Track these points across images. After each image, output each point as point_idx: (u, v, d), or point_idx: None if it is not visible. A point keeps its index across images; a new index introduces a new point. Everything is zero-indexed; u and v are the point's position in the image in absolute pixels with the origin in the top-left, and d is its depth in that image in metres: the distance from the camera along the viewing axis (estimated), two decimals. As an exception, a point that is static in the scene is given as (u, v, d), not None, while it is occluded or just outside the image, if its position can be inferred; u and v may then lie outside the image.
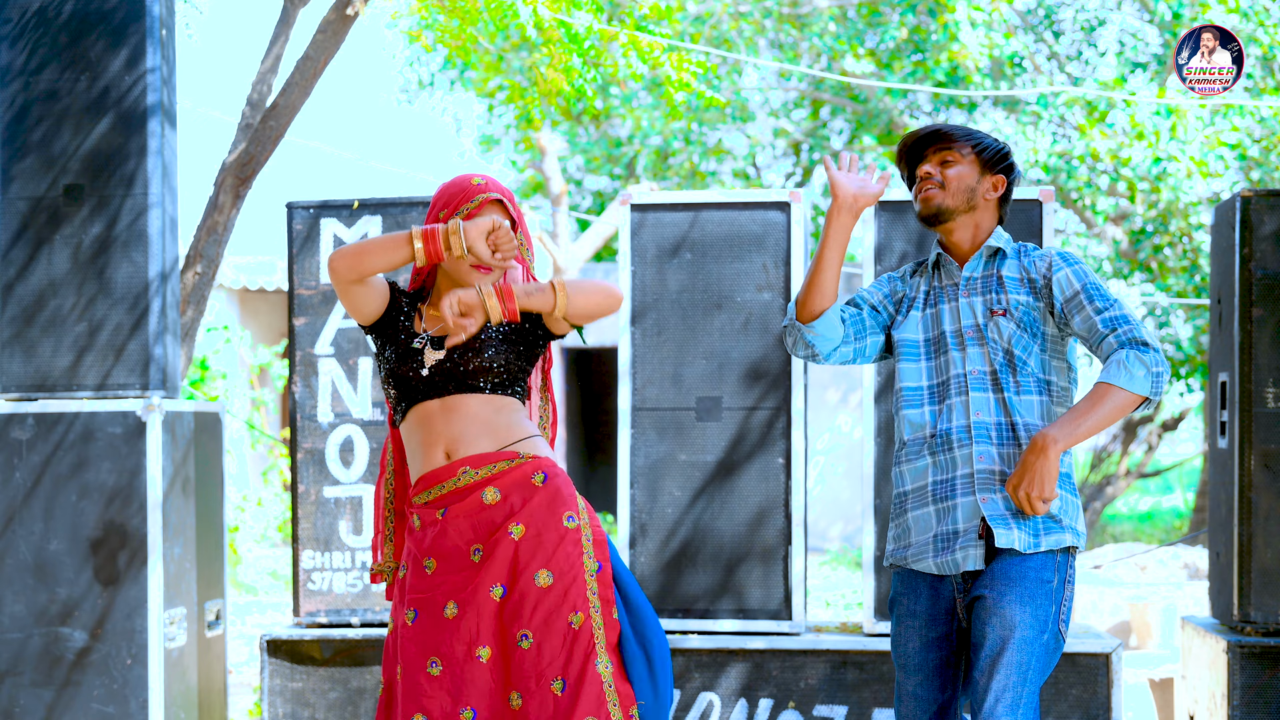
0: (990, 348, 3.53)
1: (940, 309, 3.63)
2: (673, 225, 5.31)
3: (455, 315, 3.30)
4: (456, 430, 3.42)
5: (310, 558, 5.43)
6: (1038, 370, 3.54)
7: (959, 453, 3.53)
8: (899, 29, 13.88)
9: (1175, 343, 13.72)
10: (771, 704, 5.16)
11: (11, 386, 5.19)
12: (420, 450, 3.47)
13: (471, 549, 3.37)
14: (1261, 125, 12.39)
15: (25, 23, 5.20)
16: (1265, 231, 5.07)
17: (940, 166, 3.61)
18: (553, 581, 3.32)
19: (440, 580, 3.38)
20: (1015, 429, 3.51)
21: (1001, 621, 3.42)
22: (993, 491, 3.49)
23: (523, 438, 3.45)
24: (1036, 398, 3.53)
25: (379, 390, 5.39)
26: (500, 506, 3.38)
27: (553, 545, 3.35)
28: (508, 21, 6.27)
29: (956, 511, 3.52)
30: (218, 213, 6.02)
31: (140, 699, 5.04)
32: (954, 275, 3.64)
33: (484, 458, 3.41)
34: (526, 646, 3.30)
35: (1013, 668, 3.41)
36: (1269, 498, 5.06)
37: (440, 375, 3.43)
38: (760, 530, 5.24)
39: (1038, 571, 3.46)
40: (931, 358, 3.61)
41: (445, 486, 3.42)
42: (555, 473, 3.43)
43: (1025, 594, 3.44)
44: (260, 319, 15.82)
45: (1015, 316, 3.53)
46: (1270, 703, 4.98)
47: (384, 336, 3.50)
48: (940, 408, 3.57)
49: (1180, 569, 10.83)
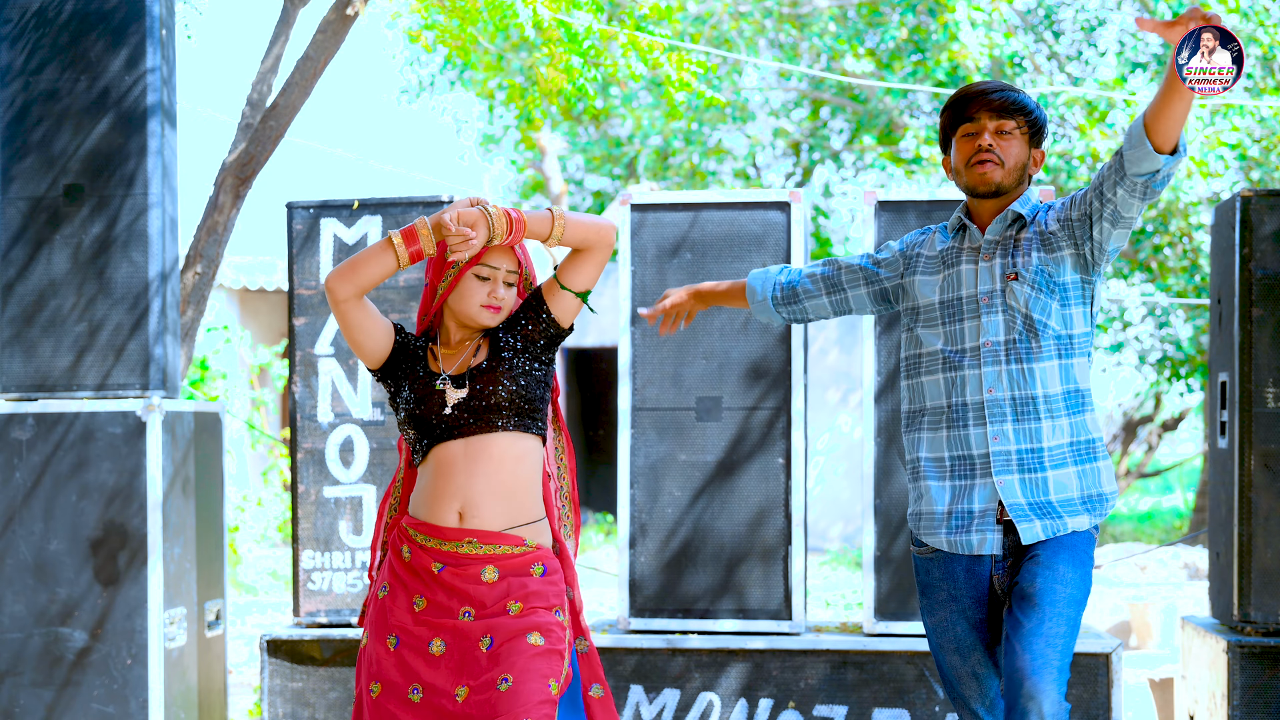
0: (1008, 315, 3.49)
1: (960, 270, 3.57)
2: (673, 225, 5.31)
3: (458, 227, 3.33)
4: (476, 489, 3.41)
5: (310, 558, 5.43)
6: (1058, 327, 3.48)
7: (973, 431, 3.49)
8: (899, 29, 13.88)
9: (1175, 343, 13.73)
10: (771, 704, 5.16)
11: (11, 386, 5.19)
12: (435, 498, 3.45)
13: (462, 610, 3.40)
14: (1261, 125, 12.39)
15: (25, 23, 5.20)
16: (1265, 231, 5.07)
17: (998, 137, 3.52)
18: (544, 644, 3.36)
19: (427, 619, 3.41)
20: (1034, 401, 3.46)
21: (1055, 575, 3.40)
22: (1009, 473, 3.46)
23: (534, 520, 3.47)
24: (1055, 362, 3.48)
25: (379, 390, 5.39)
26: (498, 586, 3.40)
27: (544, 620, 3.40)
28: (508, 21, 6.27)
29: (973, 492, 3.50)
30: (218, 213, 6.02)
31: (140, 699, 5.03)
32: (975, 239, 3.58)
33: (493, 536, 3.41)
34: (505, 689, 3.32)
35: (1062, 620, 3.38)
36: (1269, 498, 5.05)
37: (463, 412, 3.43)
38: (760, 530, 5.24)
39: (1086, 547, 3.47)
40: (948, 323, 3.57)
41: (447, 546, 3.42)
42: (554, 568, 3.47)
43: (1075, 559, 3.43)
44: (260, 319, 15.82)
45: (1028, 278, 3.48)
46: (1270, 703, 4.98)
47: (397, 379, 3.51)
48: (954, 377, 3.53)
49: (1180, 569, 10.83)
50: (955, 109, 3.58)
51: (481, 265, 3.45)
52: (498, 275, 3.46)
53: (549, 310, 3.49)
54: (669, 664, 5.19)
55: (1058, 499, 3.46)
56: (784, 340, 5.25)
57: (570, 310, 3.49)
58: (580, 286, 3.48)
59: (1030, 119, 3.54)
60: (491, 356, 3.47)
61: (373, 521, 5.39)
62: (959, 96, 3.58)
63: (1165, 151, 3.28)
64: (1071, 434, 3.49)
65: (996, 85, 3.57)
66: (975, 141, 3.54)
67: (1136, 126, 3.30)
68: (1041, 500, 3.46)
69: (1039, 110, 3.57)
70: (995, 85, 3.57)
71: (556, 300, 3.48)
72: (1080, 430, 3.50)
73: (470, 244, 3.36)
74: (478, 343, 3.51)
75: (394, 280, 5.34)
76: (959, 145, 3.57)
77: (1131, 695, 7.02)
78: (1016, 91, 3.56)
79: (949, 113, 3.60)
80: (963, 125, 3.56)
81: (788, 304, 3.82)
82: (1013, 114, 3.52)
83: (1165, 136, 3.26)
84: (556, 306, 3.48)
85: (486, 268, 3.45)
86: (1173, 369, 13.98)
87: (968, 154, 3.54)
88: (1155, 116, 3.25)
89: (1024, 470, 3.46)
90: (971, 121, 3.54)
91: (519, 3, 6.07)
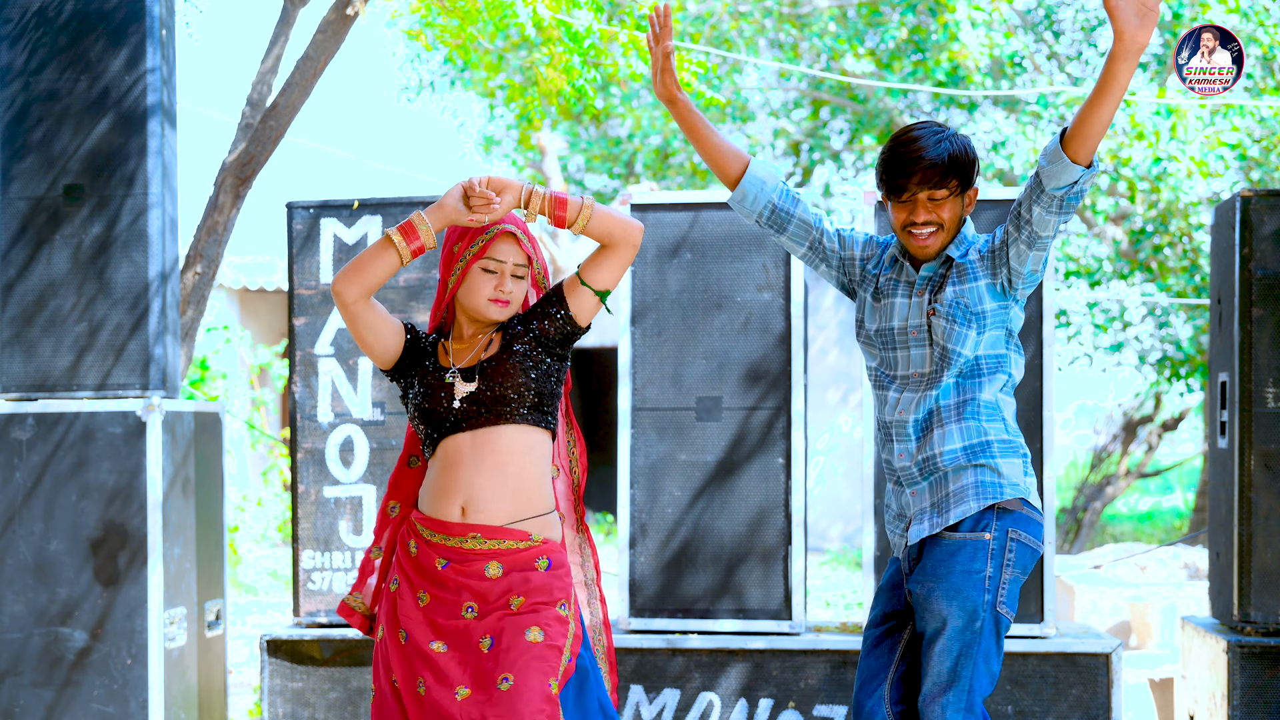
0: (932, 348, 3.64)
1: (894, 302, 3.70)
2: (673, 225, 5.31)
3: (483, 189, 3.36)
4: (480, 483, 3.42)
5: (310, 558, 5.43)
6: (969, 353, 3.62)
7: (897, 445, 3.69)
8: (899, 29, 13.87)
9: (1175, 343, 13.72)
10: (771, 704, 5.16)
11: (11, 386, 5.19)
12: (440, 493, 3.46)
13: (465, 606, 3.40)
14: (1261, 125, 12.38)
15: (25, 23, 5.20)
16: (1265, 231, 5.07)
17: (932, 204, 3.58)
18: (543, 639, 3.36)
19: (431, 616, 3.42)
20: (933, 414, 3.63)
21: (931, 614, 3.58)
22: (914, 484, 3.66)
23: (541, 513, 3.46)
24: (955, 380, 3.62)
25: (379, 390, 5.40)
26: (501, 581, 3.40)
27: (546, 616, 3.40)
28: (508, 21, 6.27)
29: (905, 497, 3.71)
30: (218, 213, 6.02)
31: (140, 699, 5.03)
32: (910, 275, 3.70)
33: (497, 531, 3.41)
34: (506, 689, 3.31)
35: (945, 656, 3.56)
36: (1269, 498, 5.06)
37: (471, 404, 3.43)
38: (760, 530, 5.24)
39: (966, 563, 3.57)
40: (881, 349, 3.73)
41: (451, 541, 3.43)
42: (560, 561, 3.46)
43: (952, 588, 3.56)
44: (260, 319, 15.81)
45: (943, 312, 3.61)
46: (1270, 703, 4.98)
47: (408, 376, 3.53)
48: (884, 395, 3.73)
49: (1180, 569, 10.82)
50: (888, 178, 3.61)
51: (488, 259, 3.45)
52: (505, 268, 3.46)
53: (567, 307, 3.49)
54: (669, 664, 5.19)
55: (943, 450, 3.62)
56: (784, 340, 5.26)
57: (588, 309, 3.49)
58: (601, 285, 3.48)
59: (962, 175, 3.59)
60: (503, 350, 3.47)
61: (372, 521, 5.40)
62: (891, 160, 3.59)
63: (1082, 164, 3.42)
64: (963, 438, 3.62)
65: (928, 145, 3.56)
66: (909, 213, 3.60)
67: (1053, 142, 3.44)
68: (941, 498, 3.64)
69: (968, 155, 3.60)
70: (927, 146, 3.56)
71: (576, 297, 3.48)
72: (975, 433, 3.62)
73: (493, 207, 3.37)
74: (490, 337, 3.51)
75: (394, 280, 5.34)
76: (894, 209, 3.64)
77: (1131, 695, 7.02)
78: (946, 147, 3.56)
79: (883, 176, 3.62)
80: (903, 194, 3.60)
81: (772, 225, 3.83)
82: (945, 180, 3.57)
83: (1084, 147, 3.40)
84: (575, 304, 3.49)
85: (493, 261, 3.46)
86: (1173, 369, 13.97)
87: (903, 221, 3.62)
88: (1081, 126, 3.38)
89: (928, 476, 3.65)
90: (904, 192, 3.59)
91: (519, 2, 6.07)
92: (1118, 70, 3.32)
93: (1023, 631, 5.08)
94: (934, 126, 3.60)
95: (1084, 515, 16.33)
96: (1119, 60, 3.31)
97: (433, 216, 3.41)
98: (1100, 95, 3.35)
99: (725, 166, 3.78)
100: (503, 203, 3.39)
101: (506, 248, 3.46)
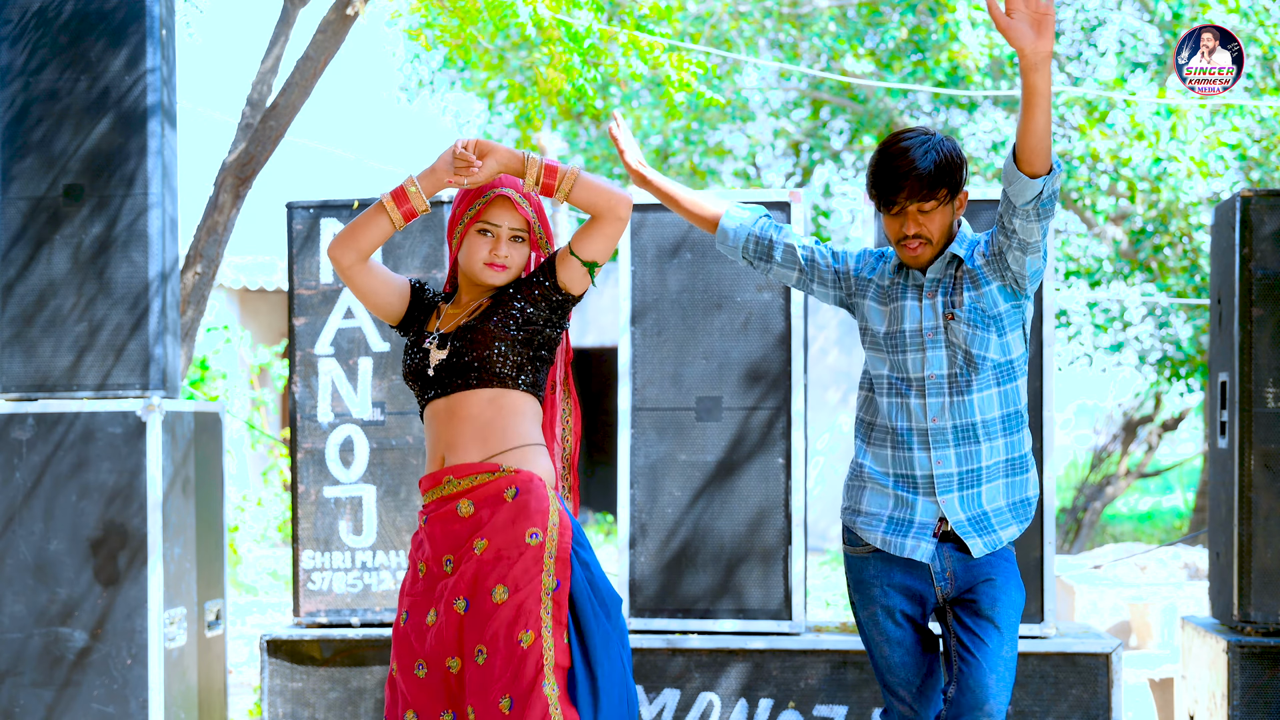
0: (950, 350, 3.61)
1: (904, 304, 3.66)
2: (673, 225, 5.31)
3: (463, 150, 3.37)
4: (453, 434, 3.44)
5: (310, 558, 5.43)
6: (997, 356, 3.61)
7: (918, 454, 3.63)
8: (899, 29, 13.87)
9: (1175, 343, 13.72)
10: (771, 704, 5.16)
11: (11, 386, 5.19)
12: (429, 454, 3.51)
13: (444, 560, 3.40)
14: (1261, 125, 12.38)
15: (25, 23, 5.19)
16: (1265, 231, 5.07)
17: (922, 217, 3.57)
18: (507, 598, 3.31)
19: (426, 586, 3.42)
20: (974, 427, 3.62)
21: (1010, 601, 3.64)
22: (951, 491, 3.62)
23: (513, 446, 3.43)
24: (994, 390, 3.62)
25: (379, 390, 5.40)
26: (470, 520, 3.38)
27: (511, 562, 3.33)
28: (508, 21, 6.27)
29: (915, 508, 3.65)
30: (218, 213, 6.02)
31: (140, 699, 5.03)
32: (917, 279, 3.68)
33: (467, 468, 3.41)
34: (481, 661, 3.30)
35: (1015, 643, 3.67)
36: (1269, 498, 5.06)
37: (444, 371, 3.45)
38: (760, 530, 5.24)
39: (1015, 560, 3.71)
40: (892, 352, 3.68)
41: (433, 494, 3.45)
42: (530, 488, 3.38)
43: (1016, 578, 3.68)
44: (260, 319, 15.82)
45: (963, 317, 3.59)
46: (1270, 703, 4.98)
47: (407, 336, 3.59)
48: (902, 403, 3.66)
49: (1180, 569, 10.82)
50: (878, 192, 3.59)
51: (483, 222, 3.47)
52: (500, 232, 3.47)
53: (555, 276, 3.49)
54: (669, 664, 5.19)
55: (990, 508, 3.64)
56: (784, 340, 5.26)
57: (577, 278, 3.49)
58: (589, 256, 3.46)
59: (951, 182, 3.56)
60: (486, 315, 3.47)
61: (373, 521, 5.41)
62: (879, 174, 3.57)
63: (1040, 174, 3.40)
64: (1006, 452, 3.66)
65: (916, 158, 3.54)
66: (900, 225, 3.60)
67: (1007, 163, 3.43)
68: (977, 512, 3.63)
69: (956, 161, 3.57)
70: (915, 159, 3.54)
71: (565, 267, 3.48)
72: (1014, 447, 3.67)
73: (472, 170, 3.38)
74: (481, 302, 3.52)
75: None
76: (886, 220, 3.64)
77: (1131, 695, 7.02)
78: (933, 157, 3.54)
79: (873, 187, 3.60)
80: (894, 205, 3.58)
81: (759, 257, 3.83)
82: (934, 193, 3.55)
83: (1035, 159, 3.38)
84: (564, 273, 3.49)
85: (489, 224, 3.47)
86: (1173, 369, 13.98)
87: (896, 233, 3.62)
88: (1021, 141, 3.37)
89: (963, 488, 3.63)
90: (894, 205, 3.58)
91: (519, 2, 6.07)
92: (1034, 81, 3.32)
93: (1023, 631, 5.08)
94: (921, 135, 3.57)
95: (1084, 515, 16.34)
96: (1030, 73, 3.31)
97: (424, 181, 3.44)
98: (1028, 108, 3.34)
99: (705, 216, 3.84)
100: (485, 166, 3.40)
101: (502, 211, 3.48)
